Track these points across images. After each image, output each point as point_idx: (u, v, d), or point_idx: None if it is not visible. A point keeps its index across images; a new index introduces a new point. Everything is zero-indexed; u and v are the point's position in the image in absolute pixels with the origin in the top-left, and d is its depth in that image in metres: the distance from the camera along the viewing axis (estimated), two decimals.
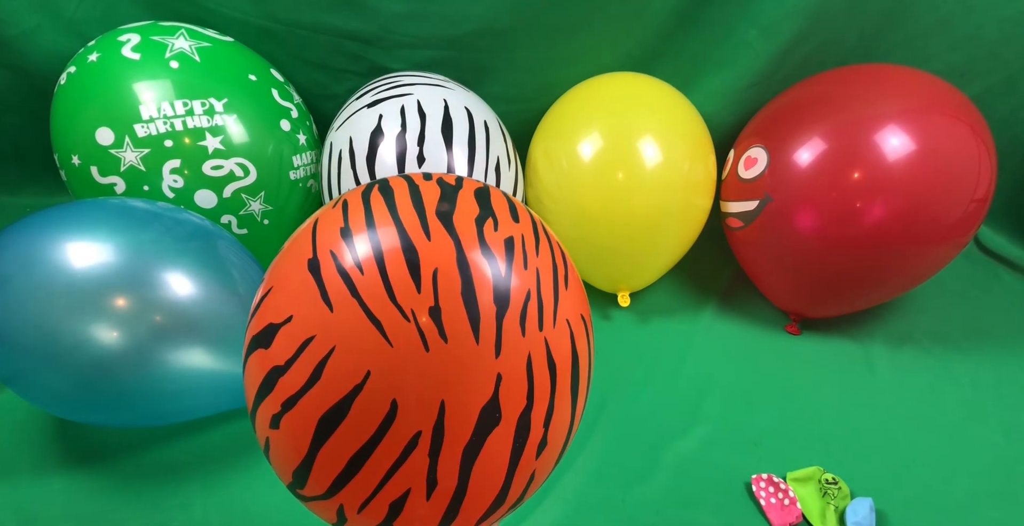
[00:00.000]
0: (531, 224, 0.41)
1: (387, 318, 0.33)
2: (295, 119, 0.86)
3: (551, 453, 0.39)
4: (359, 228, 0.36)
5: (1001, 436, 0.71)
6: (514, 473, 0.37)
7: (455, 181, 0.41)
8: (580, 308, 0.41)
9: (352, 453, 0.34)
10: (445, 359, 0.34)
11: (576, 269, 0.44)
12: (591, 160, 0.79)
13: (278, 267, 0.39)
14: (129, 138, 0.73)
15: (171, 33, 0.79)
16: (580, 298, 0.42)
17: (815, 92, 0.79)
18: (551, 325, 0.37)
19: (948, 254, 0.76)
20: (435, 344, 0.33)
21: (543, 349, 0.36)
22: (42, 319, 0.54)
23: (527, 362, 0.36)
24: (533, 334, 0.36)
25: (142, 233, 0.59)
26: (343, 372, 0.33)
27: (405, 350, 0.33)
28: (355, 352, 0.33)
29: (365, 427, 0.33)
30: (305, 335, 0.34)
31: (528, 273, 0.37)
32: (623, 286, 0.88)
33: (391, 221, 0.36)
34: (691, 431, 0.71)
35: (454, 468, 0.35)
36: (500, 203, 0.41)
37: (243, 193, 0.79)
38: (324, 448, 0.34)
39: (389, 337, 0.33)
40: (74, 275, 0.55)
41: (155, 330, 0.57)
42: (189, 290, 0.59)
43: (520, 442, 0.36)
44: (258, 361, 0.37)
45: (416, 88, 0.81)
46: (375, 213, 0.37)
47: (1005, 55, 0.90)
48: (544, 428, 0.37)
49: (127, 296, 0.56)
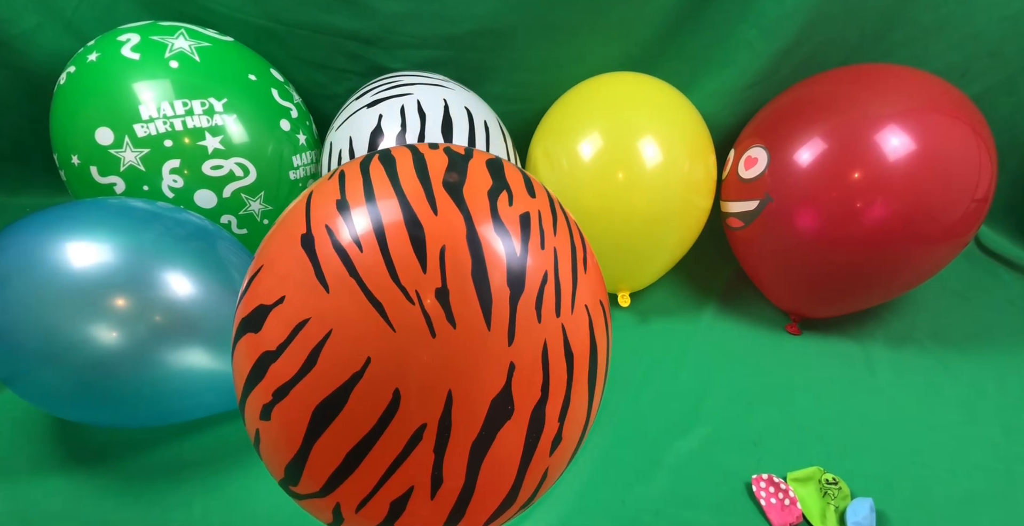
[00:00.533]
0: (548, 200, 0.38)
1: (389, 300, 0.30)
2: (295, 119, 0.86)
3: (565, 449, 0.36)
4: (357, 201, 0.33)
5: (1001, 436, 0.71)
6: (526, 471, 0.34)
7: (464, 151, 0.38)
8: (599, 293, 0.38)
9: (350, 447, 0.31)
10: (453, 346, 0.31)
11: (594, 251, 0.41)
12: (591, 160, 0.79)
13: (269, 244, 0.36)
14: (129, 138, 0.73)
15: (171, 33, 0.79)
16: (598, 283, 0.39)
17: (815, 92, 0.79)
18: (569, 311, 0.34)
19: (948, 254, 0.76)
20: (442, 329, 0.30)
21: (560, 336, 0.33)
22: (42, 319, 0.54)
23: (543, 350, 0.33)
24: (550, 320, 0.33)
25: (142, 233, 0.59)
26: (340, 358, 0.31)
27: (409, 335, 0.30)
28: (354, 337, 0.30)
29: (364, 419, 0.31)
30: (298, 318, 0.31)
31: (545, 253, 0.34)
32: (623, 286, 0.88)
33: (392, 193, 0.33)
34: (691, 431, 0.71)
35: (461, 464, 0.32)
36: (515, 176, 0.37)
37: (243, 193, 0.79)
38: (319, 441, 0.32)
39: (391, 321, 0.30)
40: (74, 275, 0.55)
41: (155, 330, 0.57)
42: (189, 290, 0.59)
43: (533, 437, 0.33)
44: (247, 346, 0.34)
45: (416, 88, 0.81)
46: (375, 184, 0.34)
47: (1005, 55, 0.90)
48: (559, 423, 0.34)
49: (127, 296, 0.56)
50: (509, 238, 0.32)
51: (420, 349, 0.30)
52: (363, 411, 0.31)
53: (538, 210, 0.35)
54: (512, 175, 0.37)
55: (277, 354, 0.32)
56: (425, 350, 0.30)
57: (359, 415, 0.31)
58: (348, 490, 0.33)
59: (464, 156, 0.37)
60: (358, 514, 0.34)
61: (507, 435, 0.32)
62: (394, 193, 0.33)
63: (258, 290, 0.34)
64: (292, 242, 0.33)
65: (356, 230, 0.32)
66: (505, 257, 0.32)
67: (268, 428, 0.34)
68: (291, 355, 0.31)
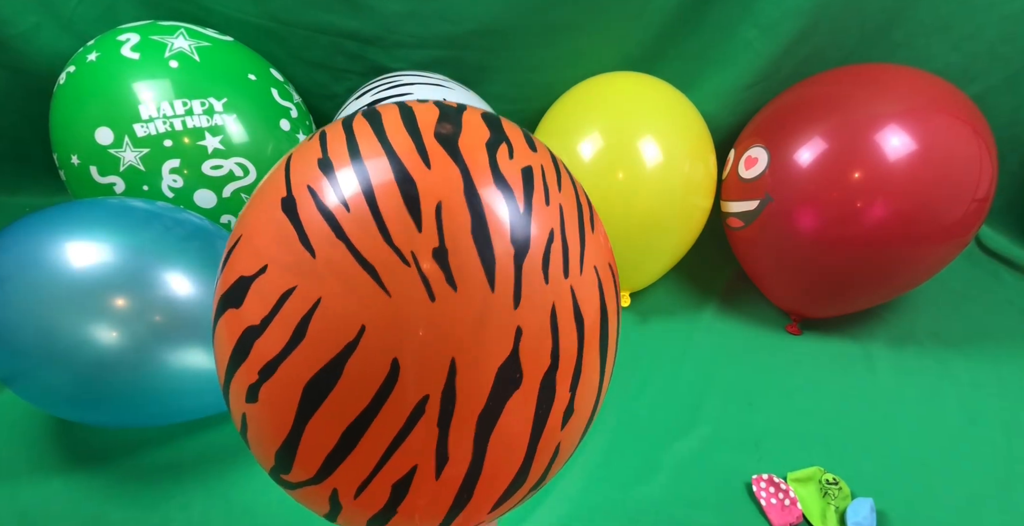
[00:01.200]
0: (550, 156, 0.35)
1: (382, 262, 0.28)
2: (295, 119, 0.85)
3: (578, 423, 0.34)
4: (341, 159, 0.30)
5: (1001, 436, 0.71)
6: (536, 446, 0.32)
7: (457, 105, 0.35)
8: (607, 256, 0.36)
9: (346, 425, 0.29)
10: (454, 310, 0.28)
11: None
12: (591, 160, 0.79)
13: (247, 213, 0.33)
14: (128, 138, 0.73)
15: (171, 33, 0.79)
16: (606, 245, 0.36)
17: (816, 92, 0.79)
18: (578, 272, 0.31)
19: (949, 254, 0.76)
20: (442, 292, 0.28)
21: (569, 299, 0.31)
22: (42, 319, 0.54)
23: (551, 314, 0.30)
24: (557, 281, 0.30)
25: (142, 233, 0.59)
26: (331, 329, 0.28)
27: (405, 300, 0.28)
28: (345, 304, 0.28)
29: (361, 393, 0.28)
30: (284, 287, 0.29)
31: (550, 210, 0.31)
32: (623, 286, 0.88)
33: (380, 148, 0.30)
34: (691, 431, 0.71)
35: (468, 440, 0.29)
36: (513, 130, 0.35)
37: (243, 193, 0.79)
38: (312, 421, 0.29)
39: (386, 285, 0.28)
40: (74, 275, 0.55)
41: (155, 330, 0.57)
42: (189, 290, 0.59)
43: (544, 409, 0.31)
44: (228, 324, 0.31)
45: (414, 88, 0.81)
46: (360, 140, 0.31)
47: (1006, 55, 0.90)
48: (571, 393, 0.32)
49: (127, 296, 0.56)
50: (511, 193, 0.30)
51: (418, 314, 0.28)
52: (359, 385, 0.28)
53: (540, 164, 0.33)
54: (511, 129, 0.34)
55: (262, 329, 0.29)
56: (424, 315, 0.28)
57: (355, 389, 0.28)
58: (345, 473, 0.30)
59: (457, 109, 0.34)
60: (357, 500, 0.31)
61: (515, 406, 0.30)
62: (382, 148, 0.30)
63: (237, 262, 0.31)
64: (272, 207, 0.31)
65: (342, 189, 0.29)
66: (508, 214, 0.29)
67: (255, 411, 0.31)
68: (277, 328, 0.29)
